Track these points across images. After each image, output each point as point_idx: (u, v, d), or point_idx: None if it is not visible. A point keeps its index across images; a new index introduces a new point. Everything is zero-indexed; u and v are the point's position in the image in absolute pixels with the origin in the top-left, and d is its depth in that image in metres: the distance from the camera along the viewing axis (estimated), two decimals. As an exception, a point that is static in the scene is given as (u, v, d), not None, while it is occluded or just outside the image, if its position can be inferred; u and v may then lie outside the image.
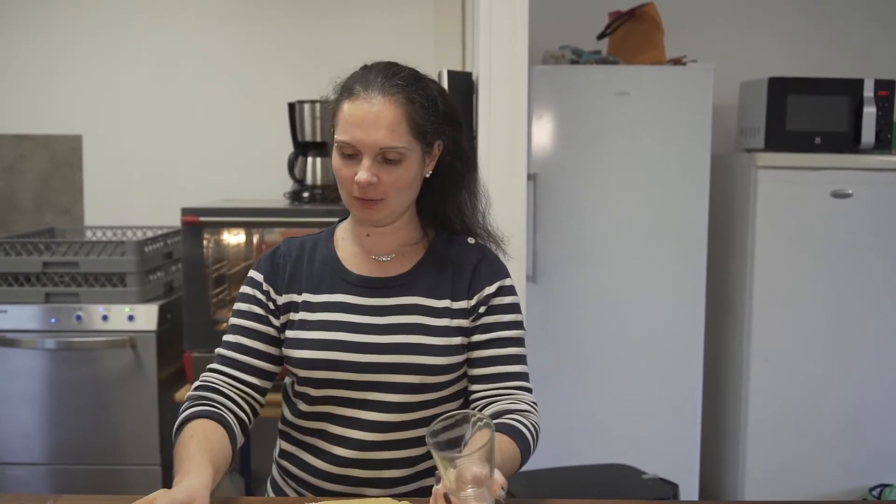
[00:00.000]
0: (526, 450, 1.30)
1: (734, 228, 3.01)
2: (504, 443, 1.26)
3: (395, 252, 1.43)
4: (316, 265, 1.43)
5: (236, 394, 1.38)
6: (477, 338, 1.39)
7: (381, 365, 1.35)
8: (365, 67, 1.37)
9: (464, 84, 2.44)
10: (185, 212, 2.55)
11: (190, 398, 1.37)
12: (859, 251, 2.88)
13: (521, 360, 1.41)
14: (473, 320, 1.40)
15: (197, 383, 1.39)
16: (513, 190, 2.36)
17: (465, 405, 1.45)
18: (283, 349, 1.40)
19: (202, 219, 2.54)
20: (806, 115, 2.94)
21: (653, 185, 2.85)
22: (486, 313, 1.40)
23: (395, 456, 1.37)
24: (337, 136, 1.33)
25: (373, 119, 1.29)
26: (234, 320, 1.43)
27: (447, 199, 1.44)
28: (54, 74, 3.30)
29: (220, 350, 1.42)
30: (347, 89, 1.33)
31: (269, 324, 1.41)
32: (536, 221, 2.80)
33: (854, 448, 2.92)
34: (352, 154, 1.31)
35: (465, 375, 1.42)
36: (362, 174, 1.30)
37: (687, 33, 3.17)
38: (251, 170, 3.25)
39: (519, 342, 1.41)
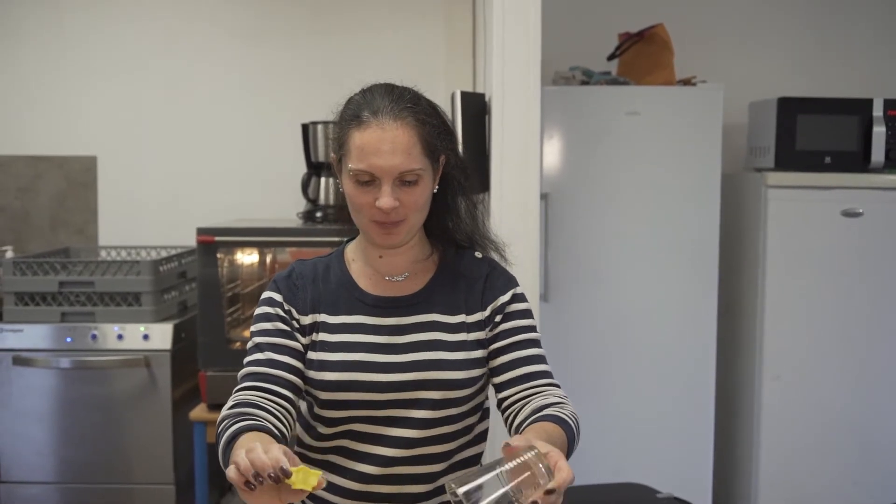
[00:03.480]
0: (572, 437, 1.28)
1: (745, 247, 3.02)
2: (551, 429, 1.24)
3: (408, 270, 1.44)
4: (331, 287, 1.43)
5: (274, 408, 1.33)
6: (497, 345, 1.40)
7: (403, 383, 1.36)
8: (364, 92, 1.37)
9: (477, 105, 2.46)
10: (201, 231, 2.57)
11: (229, 416, 1.30)
12: (870, 269, 2.89)
13: (543, 360, 1.41)
14: (490, 330, 1.41)
15: (231, 402, 1.33)
16: (526, 209, 2.37)
17: (484, 418, 1.46)
18: (306, 370, 1.40)
19: (217, 238, 2.56)
20: (815, 135, 2.96)
21: (664, 205, 2.86)
22: (502, 321, 1.41)
23: (417, 471, 1.37)
24: (352, 165, 1.31)
25: (388, 145, 1.29)
26: (258, 339, 1.39)
27: (450, 209, 1.45)
28: (69, 96, 3.34)
29: (248, 369, 1.37)
30: (355, 117, 1.32)
31: (297, 340, 1.39)
32: (548, 240, 2.81)
33: (867, 467, 2.91)
34: (368, 181, 1.31)
35: (483, 389, 1.43)
36: (385, 200, 1.30)
37: (696, 54, 3.19)
38: (264, 190, 3.28)
39: (538, 344, 1.42)
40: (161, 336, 2.71)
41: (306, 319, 1.41)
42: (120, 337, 2.70)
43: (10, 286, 2.74)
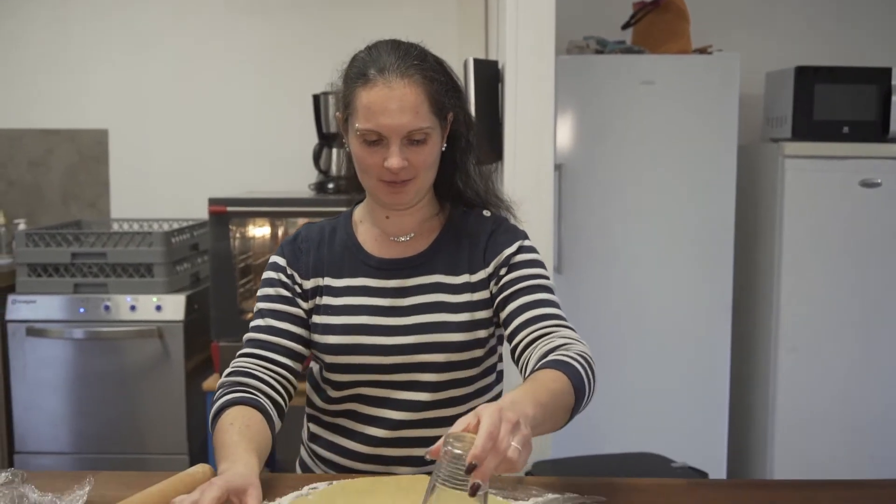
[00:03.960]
0: (579, 380, 1.18)
1: (761, 218, 2.99)
2: (549, 379, 1.16)
3: (415, 230, 1.42)
4: (336, 250, 1.42)
5: (271, 377, 1.36)
6: (503, 295, 1.35)
7: (407, 346, 1.35)
8: (369, 49, 1.34)
9: (489, 72, 2.43)
10: (213, 202, 2.56)
11: (224, 385, 1.33)
12: (888, 240, 2.85)
13: (553, 304, 1.34)
14: (496, 284, 1.37)
15: (229, 370, 1.36)
16: (539, 180, 2.35)
17: (499, 381, 1.45)
18: (311, 334, 1.40)
19: (229, 209, 2.55)
20: (833, 105, 2.91)
21: (679, 175, 2.83)
22: (507, 272, 1.36)
23: (427, 434, 1.37)
24: (359, 125, 1.29)
25: (396, 103, 1.27)
26: (260, 305, 1.41)
27: (458, 167, 1.42)
28: (80, 70, 3.33)
29: (249, 335, 1.40)
30: (361, 75, 1.29)
31: (298, 306, 1.40)
32: (561, 212, 2.79)
33: (883, 440, 2.88)
34: (376, 140, 1.29)
35: (494, 351, 1.41)
36: (394, 160, 1.28)
37: (713, 22, 3.15)
38: (276, 162, 3.27)
39: (549, 290, 1.36)
40: (174, 307, 2.71)
41: (308, 284, 1.40)
42: (133, 308, 2.70)
43: (22, 257, 2.74)
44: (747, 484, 1.24)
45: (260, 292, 1.43)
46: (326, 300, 1.39)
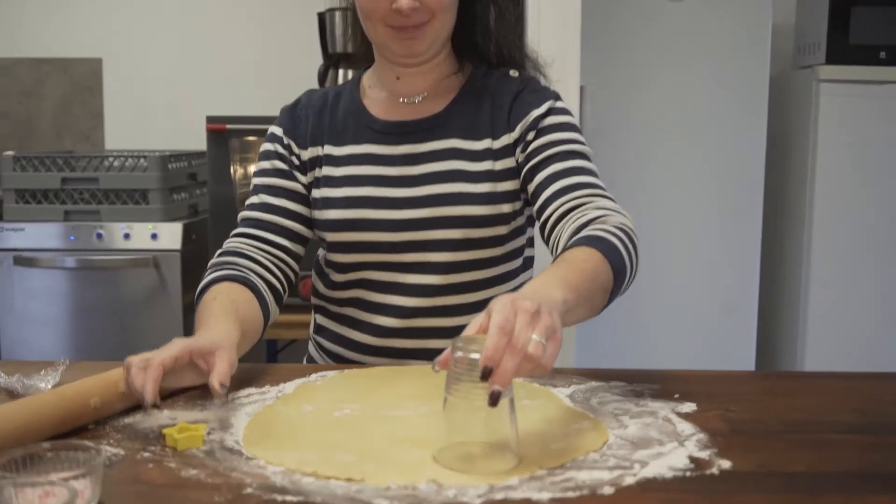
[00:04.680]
0: (616, 255, 1.02)
1: (793, 149, 2.83)
2: (581, 260, 1.00)
3: (428, 91, 1.25)
4: (339, 115, 1.26)
5: (266, 258, 1.23)
6: (531, 163, 1.18)
7: (417, 221, 1.18)
8: None
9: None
10: (211, 120, 2.41)
11: (212, 265, 1.21)
12: (928, 170, 2.69)
13: (591, 172, 1.17)
14: (522, 151, 1.20)
15: (219, 251, 1.24)
16: (564, 99, 2.18)
17: (526, 268, 1.29)
18: (311, 212, 1.25)
19: (229, 126, 2.39)
20: (870, 28, 2.74)
21: (708, 100, 2.67)
22: (535, 137, 1.19)
23: (440, 324, 1.21)
24: None
25: None
26: (256, 181, 1.28)
27: (477, 19, 1.25)
28: (73, -6, 3.16)
29: (243, 213, 1.27)
30: None
31: (295, 179, 1.25)
32: (585, 136, 2.62)
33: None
34: None
35: (521, 231, 1.25)
36: (404, 0, 1.12)
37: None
38: (279, 88, 3.06)
39: (585, 157, 1.18)
40: (170, 236, 2.55)
41: (307, 154, 1.25)
42: (127, 236, 2.55)
43: (10, 183, 2.59)
44: (806, 375, 1.09)
45: (256, 167, 1.29)
46: (327, 171, 1.23)
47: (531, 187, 1.18)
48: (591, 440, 0.86)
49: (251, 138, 2.52)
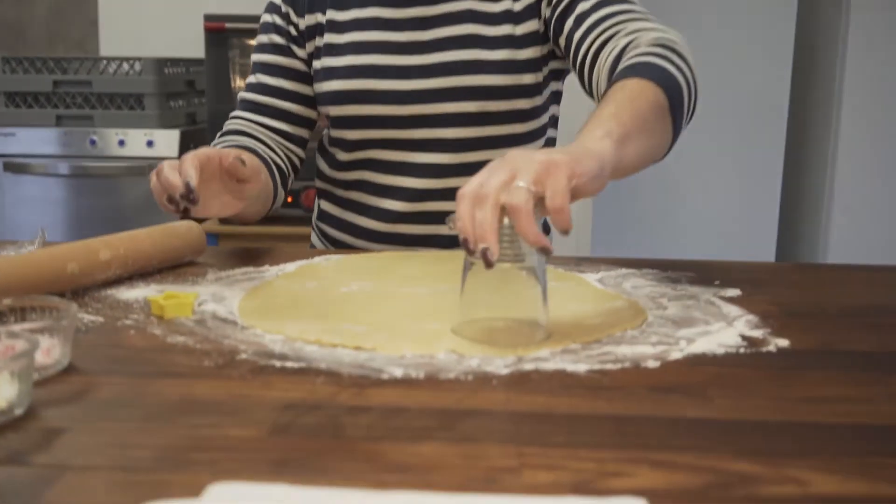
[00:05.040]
0: (659, 73, 0.86)
1: (819, 66, 2.69)
2: (606, 98, 0.84)
3: None
4: None
5: (269, 138, 1.14)
6: (558, 12, 1.04)
7: (427, 92, 1.07)
8: None
9: None
10: (209, 18, 2.27)
11: (215, 144, 1.13)
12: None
13: (623, 1, 1.02)
14: (548, 5, 1.06)
15: (220, 132, 1.16)
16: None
17: (550, 146, 1.18)
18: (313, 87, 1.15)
19: (228, 25, 2.26)
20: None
21: (735, 19, 2.53)
22: None
23: (452, 208, 1.09)
24: None
25: None
26: (254, 56, 1.17)
27: None
28: None
29: (241, 94, 1.18)
30: None
31: (293, 55, 1.14)
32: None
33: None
34: None
35: (545, 107, 1.13)
36: None
37: None
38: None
39: None
40: (167, 143, 2.44)
41: (304, 22, 1.13)
42: (121, 143, 2.43)
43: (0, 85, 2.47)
44: (859, 268, 1.00)
45: (255, 40, 1.18)
46: (329, 38, 1.12)
47: (562, 40, 1.05)
48: (629, 318, 0.77)
49: (252, 41, 2.39)
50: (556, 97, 1.16)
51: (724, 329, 0.75)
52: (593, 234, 2.17)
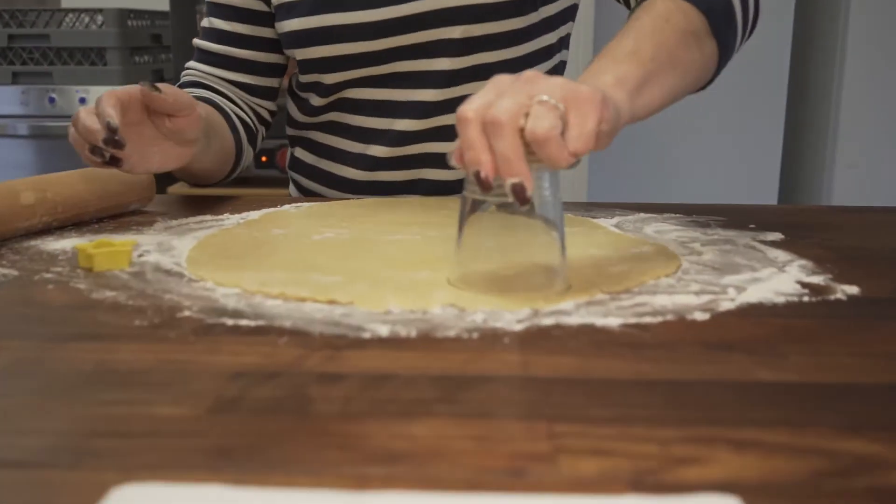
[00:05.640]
0: (709, 5, 0.73)
1: (822, 18, 2.56)
2: (627, 27, 0.71)
3: None
4: None
5: (228, 90, 1.00)
6: None
7: (400, 21, 0.91)
8: None
9: None
10: (174, -34, 2.11)
11: None
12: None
13: None
14: None
15: (178, 83, 1.00)
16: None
17: (559, 72, 1.03)
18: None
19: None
20: None
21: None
22: None
23: (439, 150, 0.95)
24: None
25: None
26: None
27: None
28: None
29: (195, 41, 1.01)
30: None
31: None
32: (600, 22, 2.35)
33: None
34: None
35: (545, 26, 0.96)
36: None
37: None
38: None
39: None
40: (132, 101, 2.28)
41: None
42: (83, 101, 2.27)
43: (-51, 40, 2.29)
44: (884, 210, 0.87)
45: None
46: None
47: None
48: (660, 264, 0.64)
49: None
50: (569, 12, 1.00)
51: (775, 275, 0.62)
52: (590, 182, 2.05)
